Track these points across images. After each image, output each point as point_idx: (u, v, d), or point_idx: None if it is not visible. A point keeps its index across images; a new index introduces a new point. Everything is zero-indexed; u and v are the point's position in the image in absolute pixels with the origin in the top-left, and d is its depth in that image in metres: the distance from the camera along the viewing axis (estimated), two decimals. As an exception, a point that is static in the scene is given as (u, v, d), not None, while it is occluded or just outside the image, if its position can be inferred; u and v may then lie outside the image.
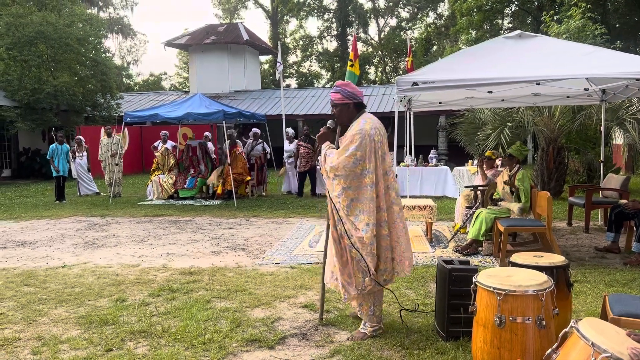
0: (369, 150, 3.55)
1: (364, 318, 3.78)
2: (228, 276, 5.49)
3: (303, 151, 12.09)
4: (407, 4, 41.30)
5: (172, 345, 3.67)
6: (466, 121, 12.35)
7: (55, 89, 18.03)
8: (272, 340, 3.72)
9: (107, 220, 9.36)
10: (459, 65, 6.38)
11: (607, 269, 5.54)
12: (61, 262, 6.28)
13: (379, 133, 3.63)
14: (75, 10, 20.57)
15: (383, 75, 41.67)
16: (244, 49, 26.05)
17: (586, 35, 13.70)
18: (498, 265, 5.63)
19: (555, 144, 11.04)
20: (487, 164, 7.67)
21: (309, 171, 12.12)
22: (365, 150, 3.54)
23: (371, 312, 3.75)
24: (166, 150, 12.63)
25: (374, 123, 3.64)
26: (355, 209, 3.57)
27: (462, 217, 7.41)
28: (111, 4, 36.28)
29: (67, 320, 4.23)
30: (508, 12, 28.58)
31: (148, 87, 40.82)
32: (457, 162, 14.95)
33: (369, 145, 3.55)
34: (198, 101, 11.89)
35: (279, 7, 40.44)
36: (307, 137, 12.20)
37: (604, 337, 1.88)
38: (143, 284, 5.24)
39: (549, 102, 8.91)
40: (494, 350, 2.92)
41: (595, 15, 16.59)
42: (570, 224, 8.15)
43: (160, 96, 26.95)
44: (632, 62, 5.86)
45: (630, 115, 10.19)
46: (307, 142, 12.13)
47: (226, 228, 8.41)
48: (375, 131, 3.60)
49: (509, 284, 2.94)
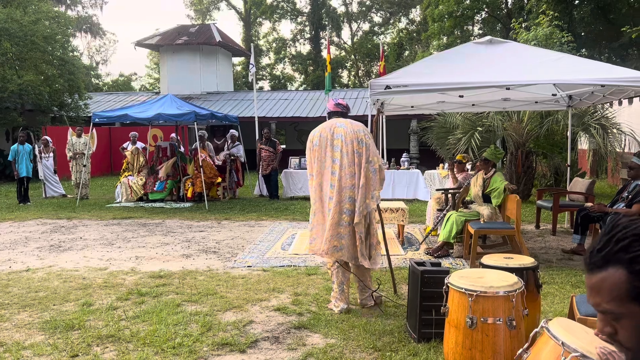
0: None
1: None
2: (199, 279, 5.40)
3: (265, 154, 12.02)
4: (380, 9, 41.70)
5: (141, 350, 3.58)
6: (437, 125, 12.51)
7: (20, 88, 17.50)
8: (243, 344, 3.67)
9: (73, 223, 9.13)
10: (430, 69, 6.44)
11: (573, 270, 5.67)
12: (25, 266, 6.08)
13: (318, 136, 4.43)
14: (42, 7, 20.02)
15: (356, 79, 41.91)
16: (216, 51, 25.82)
17: (553, 42, 14.07)
18: (469, 267, 5.70)
19: (524, 149, 11.27)
20: (458, 168, 7.77)
21: (270, 174, 12.03)
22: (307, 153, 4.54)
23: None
24: (136, 150, 12.40)
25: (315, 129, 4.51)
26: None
27: (434, 219, 7.49)
28: (80, 2, 35.51)
29: (30, 326, 4.09)
30: (478, 19, 29.13)
31: (118, 88, 40.08)
32: (429, 166, 15.12)
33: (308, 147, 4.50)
34: (169, 102, 11.72)
35: (252, 9, 40.29)
36: (268, 140, 12.14)
37: (574, 336, 1.91)
38: (111, 288, 5.11)
39: (517, 107, 9.10)
40: (465, 351, 2.94)
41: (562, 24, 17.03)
42: (538, 227, 8.32)
43: (130, 97, 26.47)
44: (597, 69, 6.03)
45: (595, 121, 10.48)
46: (268, 145, 12.07)
47: (197, 231, 8.30)
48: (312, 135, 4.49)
49: (480, 285, 2.97)
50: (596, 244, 1.03)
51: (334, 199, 4.26)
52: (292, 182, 12.11)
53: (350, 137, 4.31)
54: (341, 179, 4.27)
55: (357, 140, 4.30)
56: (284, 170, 12.20)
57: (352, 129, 4.35)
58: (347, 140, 4.30)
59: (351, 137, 4.31)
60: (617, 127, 10.67)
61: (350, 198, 4.27)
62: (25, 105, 18.55)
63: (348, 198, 4.27)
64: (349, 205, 4.27)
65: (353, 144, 4.29)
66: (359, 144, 4.29)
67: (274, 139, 12.50)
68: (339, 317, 4.19)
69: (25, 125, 17.83)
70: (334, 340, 3.74)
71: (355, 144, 4.29)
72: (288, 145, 23.76)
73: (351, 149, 4.28)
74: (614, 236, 1.00)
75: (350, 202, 4.27)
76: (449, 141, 11.60)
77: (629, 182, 6.10)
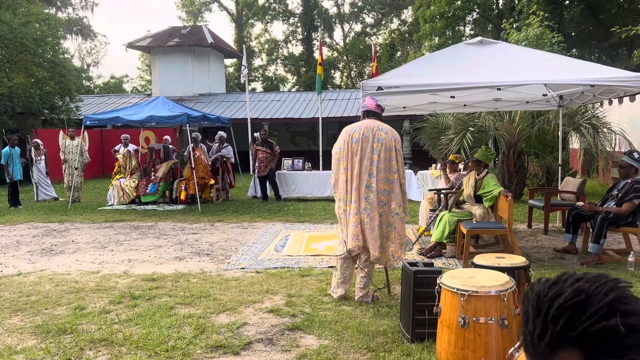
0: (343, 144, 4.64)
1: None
2: (192, 282, 5.39)
3: (262, 155, 12.01)
4: (372, 10, 41.77)
5: (134, 353, 3.57)
6: (429, 126, 12.55)
7: (10, 91, 17.38)
8: (237, 346, 3.66)
9: (65, 226, 9.08)
10: (422, 70, 6.47)
11: (565, 269, 5.70)
12: (16, 270, 6.04)
13: (359, 133, 4.55)
14: (32, 9, 19.89)
15: (348, 80, 41.96)
16: (208, 52, 25.76)
17: (544, 42, 14.16)
18: (461, 267, 5.72)
19: (516, 148, 11.33)
20: (450, 168, 7.80)
21: (268, 175, 12.03)
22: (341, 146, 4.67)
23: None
24: (128, 152, 12.36)
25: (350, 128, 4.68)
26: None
27: (426, 220, 7.51)
28: (70, 4, 35.24)
29: (22, 330, 4.06)
30: (469, 20, 29.28)
31: (109, 90, 39.86)
32: (421, 166, 15.17)
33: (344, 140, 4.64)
34: (161, 104, 11.67)
35: (244, 11, 40.24)
36: (265, 142, 12.14)
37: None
38: (103, 291, 5.09)
39: (509, 107, 9.15)
40: (458, 350, 2.96)
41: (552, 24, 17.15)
42: (530, 226, 8.37)
43: (122, 99, 26.35)
44: (587, 69, 6.08)
45: (585, 120, 10.56)
46: (265, 147, 12.06)
47: (190, 233, 8.28)
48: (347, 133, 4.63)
49: (472, 285, 2.99)
50: (532, 331, 0.85)
51: (371, 199, 4.49)
52: (286, 183, 12.10)
53: (389, 144, 4.53)
54: (378, 182, 4.50)
55: (395, 150, 4.56)
56: (277, 172, 12.19)
57: (393, 137, 4.58)
58: (387, 147, 4.51)
59: (390, 144, 4.54)
60: (608, 126, 10.75)
61: (382, 202, 4.52)
62: (16, 108, 18.41)
63: (381, 202, 4.52)
64: (381, 208, 4.52)
65: (391, 151, 4.53)
66: (396, 153, 4.56)
67: (271, 141, 12.49)
68: (333, 318, 4.20)
69: (15, 129, 17.72)
70: (327, 341, 3.75)
71: (393, 152, 4.54)
72: (281, 146, 23.67)
73: (389, 155, 4.51)
74: (547, 315, 0.83)
75: (381, 205, 4.52)
76: (441, 141, 11.64)
77: (618, 180, 6.15)
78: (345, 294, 4.69)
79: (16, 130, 17.23)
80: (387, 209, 4.54)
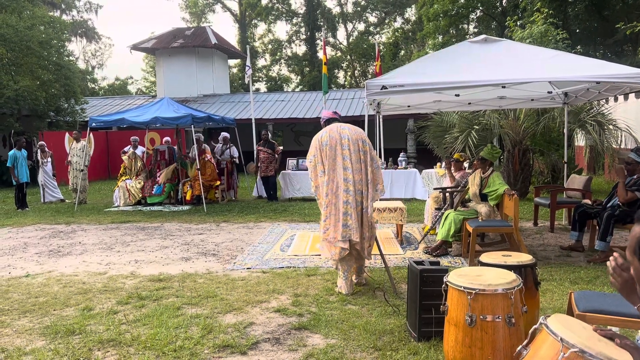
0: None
1: None
2: (198, 282, 5.41)
3: (263, 156, 12.02)
4: (375, 9, 41.72)
5: (142, 353, 3.59)
6: (434, 124, 12.54)
7: (17, 94, 17.48)
8: (244, 346, 3.68)
9: (72, 228, 9.12)
10: (426, 69, 6.47)
11: (572, 267, 5.69)
12: (24, 272, 6.08)
13: (327, 136, 4.87)
14: (37, 12, 19.99)
15: (352, 79, 41.94)
16: (212, 53, 25.82)
17: (548, 40, 14.11)
18: (467, 266, 5.72)
19: (521, 146, 11.30)
20: (455, 166, 7.78)
21: (270, 176, 12.03)
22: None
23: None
24: (133, 154, 12.40)
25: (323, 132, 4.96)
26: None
27: (432, 218, 7.50)
28: (74, 7, 35.40)
29: (31, 331, 4.09)
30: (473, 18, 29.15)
31: (114, 92, 40.00)
32: (426, 165, 15.15)
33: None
34: (166, 105, 11.71)
35: (247, 11, 40.28)
36: (267, 142, 12.15)
37: (572, 332, 1.92)
38: (111, 292, 5.12)
39: (514, 105, 9.12)
40: (465, 349, 2.96)
41: (556, 21, 17.06)
42: (536, 224, 8.34)
43: (127, 100, 26.45)
44: (592, 66, 6.05)
45: (591, 117, 10.51)
46: (266, 147, 12.07)
47: (196, 234, 8.30)
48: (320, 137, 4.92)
49: (479, 283, 2.99)
50: None
51: (351, 190, 4.82)
52: (290, 183, 12.10)
53: (355, 137, 4.92)
54: (354, 173, 4.84)
55: (361, 141, 4.92)
56: (282, 172, 12.20)
57: (356, 131, 4.99)
58: (353, 140, 4.89)
59: (356, 137, 4.92)
60: (613, 123, 10.70)
61: (359, 191, 4.87)
62: (22, 111, 18.53)
63: (358, 191, 4.86)
64: (359, 197, 4.87)
65: (358, 143, 4.89)
66: (363, 144, 4.92)
67: (272, 141, 12.50)
68: (339, 317, 4.21)
69: (21, 131, 17.82)
70: (334, 340, 3.75)
71: (360, 144, 4.90)
72: (286, 146, 23.75)
73: (357, 148, 4.88)
74: None
75: (359, 194, 4.87)
76: (446, 140, 11.63)
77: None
78: (352, 292, 4.85)
79: (22, 133, 17.33)
80: (365, 196, 4.86)
